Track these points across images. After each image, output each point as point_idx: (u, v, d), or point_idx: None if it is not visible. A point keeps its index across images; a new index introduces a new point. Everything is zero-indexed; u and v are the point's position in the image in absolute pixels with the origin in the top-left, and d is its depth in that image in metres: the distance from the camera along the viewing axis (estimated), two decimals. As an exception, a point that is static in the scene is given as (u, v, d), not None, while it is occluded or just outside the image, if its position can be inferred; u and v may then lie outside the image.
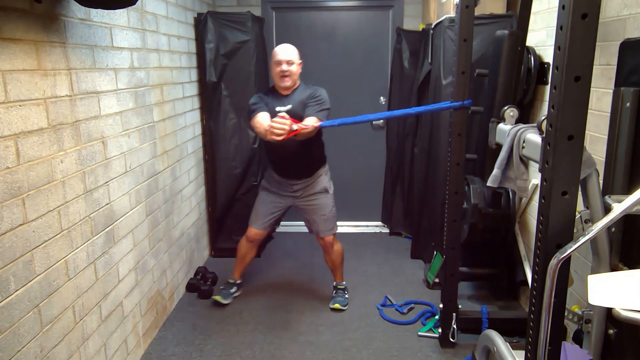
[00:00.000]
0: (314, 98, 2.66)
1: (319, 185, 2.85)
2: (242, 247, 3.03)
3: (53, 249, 1.73)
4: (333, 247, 2.96)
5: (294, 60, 2.68)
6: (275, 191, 2.87)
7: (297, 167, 2.80)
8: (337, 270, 3.07)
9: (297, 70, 2.70)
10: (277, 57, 2.66)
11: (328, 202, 2.88)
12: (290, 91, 2.72)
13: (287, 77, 2.65)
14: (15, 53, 1.53)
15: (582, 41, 1.12)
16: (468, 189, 2.75)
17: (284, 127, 2.28)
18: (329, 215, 2.89)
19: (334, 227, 2.95)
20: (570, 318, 1.69)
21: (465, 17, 2.19)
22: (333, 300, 3.00)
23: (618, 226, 1.64)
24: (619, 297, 1.14)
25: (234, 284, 3.09)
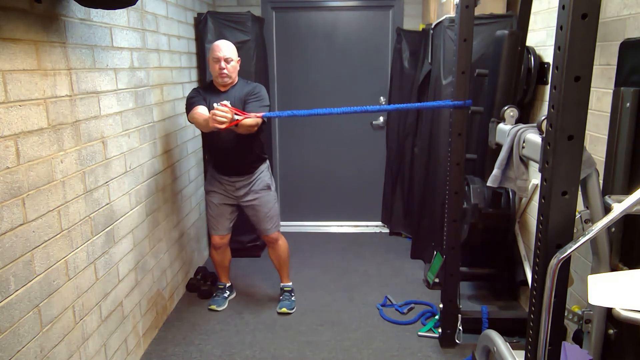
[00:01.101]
0: (253, 95, 2.65)
1: (261, 183, 2.83)
2: (214, 256, 3.02)
3: (53, 249, 1.73)
4: (278, 242, 2.94)
5: (232, 57, 2.65)
6: (219, 192, 2.84)
7: (237, 164, 2.76)
8: (283, 269, 3.03)
9: (235, 67, 2.68)
10: (215, 54, 2.63)
11: (270, 199, 2.86)
12: (228, 87, 2.70)
13: (225, 74, 2.63)
14: (15, 53, 1.53)
15: (582, 41, 1.12)
16: (468, 189, 2.75)
17: (225, 114, 2.27)
18: (272, 212, 2.87)
19: (278, 225, 2.93)
20: (570, 318, 1.69)
21: (465, 17, 2.19)
22: (280, 304, 2.95)
23: (618, 226, 1.64)
24: (619, 297, 1.14)
25: (224, 288, 3.07)
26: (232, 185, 2.81)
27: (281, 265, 3.03)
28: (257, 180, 2.82)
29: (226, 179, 2.80)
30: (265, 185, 2.84)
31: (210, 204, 2.88)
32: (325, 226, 4.39)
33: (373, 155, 4.26)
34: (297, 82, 4.19)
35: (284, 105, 4.14)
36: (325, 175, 4.36)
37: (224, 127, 2.30)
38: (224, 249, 3.00)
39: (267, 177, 2.86)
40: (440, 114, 3.20)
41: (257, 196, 2.82)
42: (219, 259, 3.02)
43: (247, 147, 2.72)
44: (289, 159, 4.33)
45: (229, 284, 3.10)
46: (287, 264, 3.05)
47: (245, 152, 2.73)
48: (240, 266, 3.56)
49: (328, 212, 4.41)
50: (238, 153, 2.72)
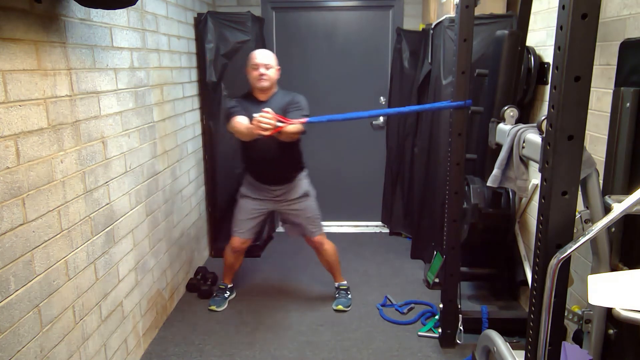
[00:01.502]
0: (294, 104, 2.66)
1: (300, 190, 2.84)
2: (228, 256, 3.02)
3: (53, 249, 1.73)
4: (324, 247, 2.96)
5: (271, 64, 2.67)
6: (255, 197, 2.85)
7: (277, 172, 2.78)
8: (335, 270, 3.06)
9: (274, 75, 2.70)
10: (254, 61, 2.66)
11: (311, 204, 2.89)
12: (268, 97, 2.71)
13: (264, 79, 2.64)
14: (15, 53, 1.53)
15: (582, 41, 1.12)
16: (468, 189, 2.75)
17: (270, 120, 2.25)
18: (312, 217, 2.90)
19: (321, 228, 2.96)
20: (570, 318, 1.69)
21: (465, 17, 2.19)
22: (336, 302, 2.99)
23: (618, 226, 1.64)
24: (619, 297, 1.14)
25: (225, 289, 3.07)
26: (271, 193, 2.83)
27: (332, 268, 3.06)
28: (296, 188, 2.83)
29: (265, 187, 2.82)
30: (303, 192, 2.85)
31: (241, 208, 2.89)
32: (326, 226, 4.32)
33: (373, 155, 4.26)
34: (297, 82, 4.18)
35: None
36: (325, 175, 4.35)
37: (268, 134, 2.29)
38: (240, 253, 3.01)
39: (306, 185, 2.88)
40: (440, 114, 3.20)
41: (297, 202, 2.85)
42: (232, 261, 3.02)
43: (286, 157, 2.74)
44: (289, 159, 4.33)
45: (230, 285, 3.10)
46: (338, 265, 3.07)
47: (285, 161, 2.76)
48: (241, 266, 3.56)
49: (328, 212, 4.38)
50: (278, 162, 2.73)
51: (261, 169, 2.80)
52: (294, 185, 2.82)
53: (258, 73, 2.64)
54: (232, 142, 3.56)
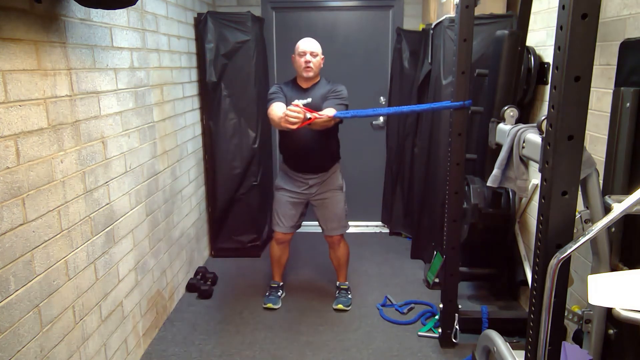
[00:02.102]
0: (334, 92, 2.68)
1: (334, 182, 2.85)
2: (274, 250, 3.03)
3: (53, 249, 1.73)
4: (340, 245, 2.97)
5: (317, 52, 2.70)
6: (290, 189, 2.86)
7: (313, 161, 2.79)
8: (342, 270, 3.07)
9: (319, 63, 2.72)
10: (301, 48, 2.69)
11: (341, 200, 2.89)
12: (310, 84, 2.74)
13: (310, 68, 2.67)
14: (15, 53, 1.53)
15: (582, 41, 1.12)
16: (468, 189, 2.75)
17: (298, 115, 2.28)
18: (340, 213, 2.90)
19: (345, 226, 2.95)
20: (570, 318, 1.69)
21: (465, 17, 2.19)
22: (336, 301, 2.99)
23: (618, 226, 1.64)
24: (619, 297, 1.14)
25: (277, 287, 3.08)
26: (305, 183, 2.83)
27: (340, 267, 3.06)
28: (330, 179, 2.84)
29: (300, 176, 2.82)
30: (338, 185, 2.87)
31: (279, 201, 2.90)
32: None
33: (373, 155, 4.26)
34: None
35: (284, 105, 4.14)
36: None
37: (296, 127, 2.31)
38: (285, 245, 3.02)
39: (340, 178, 2.89)
40: (440, 114, 3.20)
41: (329, 195, 2.85)
42: (278, 254, 3.02)
43: (324, 146, 2.75)
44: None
45: (281, 283, 3.11)
46: (346, 266, 3.08)
47: (322, 150, 2.76)
48: (241, 266, 3.57)
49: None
50: (315, 151, 2.74)
51: (297, 158, 2.80)
52: (328, 176, 2.83)
53: (305, 60, 2.66)
54: (233, 141, 3.58)
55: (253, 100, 3.54)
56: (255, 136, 3.58)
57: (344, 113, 2.45)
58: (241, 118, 3.55)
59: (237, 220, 3.70)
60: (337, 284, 3.09)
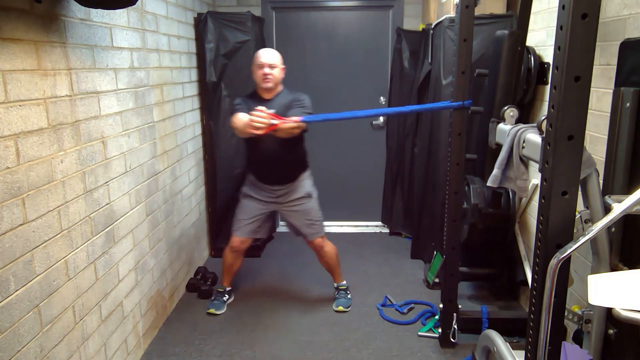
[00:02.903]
0: (298, 101, 2.66)
1: (302, 190, 2.82)
2: (227, 257, 2.98)
3: (53, 249, 1.73)
4: (324, 249, 2.94)
5: (276, 64, 2.66)
6: (257, 197, 2.83)
7: (279, 172, 2.77)
8: (335, 271, 3.05)
9: (279, 75, 2.69)
10: (259, 60, 2.65)
11: (313, 206, 2.86)
12: (272, 95, 2.71)
13: (269, 79, 2.64)
14: (15, 53, 1.53)
15: (582, 41, 1.12)
16: (468, 189, 2.75)
17: (263, 119, 2.26)
18: (315, 219, 2.87)
19: (322, 230, 2.93)
20: (570, 318, 1.69)
21: (465, 17, 2.19)
22: (336, 302, 2.99)
23: (618, 226, 1.65)
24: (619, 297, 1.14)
25: (224, 292, 3.03)
26: (273, 193, 2.81)
27: (332, 269, 3.04)
28: (298, 188, 2.81)
29: (267, 187, 2.80)
30: (305, 193, 2.83)
31: (243, 207, 2.87)
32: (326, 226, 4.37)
33: (373, 155, 4.26)
34: (297, 82, 4.18)
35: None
36: (325, 175, 4.35)
37: (261, 133, 2.29)
38: (240, 253, 2.98)
39: (309, 185, 2.86)
40: (440, 114, 3.20)
41: (297, 203, 2.82)
42: (231, 261, 2.99)
43: (290, 156, 2.73)
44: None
45: (229, 288, 3.07)
46: (338, 267, 3.06)
47: (288, 160, 2.74)
48: (241, 266, 3.56)
49: (328, 212, 4.37)
50: (281, 161, 2.72)
51: (264, 169, 2.79)
52: (296, 186, 2.81)
53: (262, 73, 2.64)
54: (233, 141, 3.58)
55: (253, 100, 3.54)
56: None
57: (314, 117, 2.44)
58: (241, 118, 3.55)
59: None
60: (335, 285, 3.09)
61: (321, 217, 2.93)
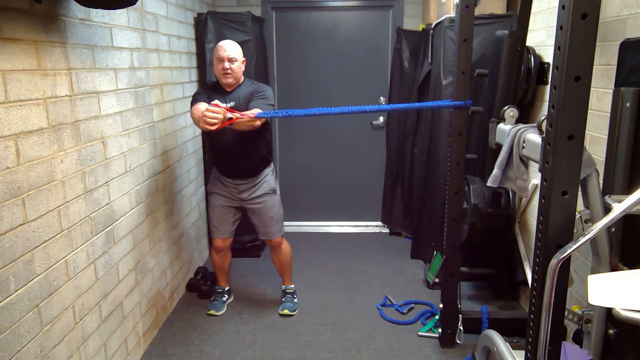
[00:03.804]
0: (258, 93, 2.60)
1: (266, 186, 2.77)
2: (214, 259, 2.96)
3: (53, 249, 1.73)
4: (281, 247, 2.91)
5: (237, 57, 2.60)
6: (221, 194, 2.79)
7: (241, 166, 2.71)
8: (286, 272, 3.00)
9: (239, 68, 2.63)
10: (219, 54, 2.58)
11: (275, 203, 2.81)
12: (233, 87, 2.65)
13: (229, 74, 2.59)
14: (15, 53, 1.53)
15: (582, 41, 1.12)
16: (468, 189, 2.75)
17: (217, 115, 2.19)
18: (276, 216, 2.82)
19: (282, 229, 2.89)
20: (570, 318, 1.69)
21: (465, 17, 2.19)
22: (282, 306, 2.93)
23: (618, 226, 1.64)
24: (619, 297, 1.14)
25: (223, 292, 3.03)
26: (236, 188, 2.76)
27: (283, 269, 3.00)
28: (262, 184, 2.77)
29: (230, 181, 2.75)
30: (270, 188, 2.79)
31: (213, 206, 2.84)
32: (325, 226, 4.39)
33: (373, 155, 4.26)
34: (297, 82, 4.19)
35: (284, 105, 4.14)
36: (325, 175, 4.36)
37: (215, 129, 2.23)
38: (225, 252, 2.95)
39: (272, 181, 2.82)
40: (440, 114, 3.20)
41: (261, 200, 2.77)
42: (220, 262, 2.97)
43: (252, 149, 2.67)
44: (289, 159, 4.33)
45: (227, 288, 3.06)
46: (290, 267, 3.02)
47: (249, 153, 2.68)
48: (240, 266, 3.57)
49: (328, 212, 4.41)
50: (242, 155, 2.66)
51: (225, 161, 2.73)
52: (259, 181, 2.76)
53: (222, 67, 2.57)
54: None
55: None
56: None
57: (273, 113, 2.38)
58: (241, 118, 3.55)
59: (237, 220, 3.69)
60: (283, 287, 3.03)
61: (282, 215, 2.87)
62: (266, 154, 2.77)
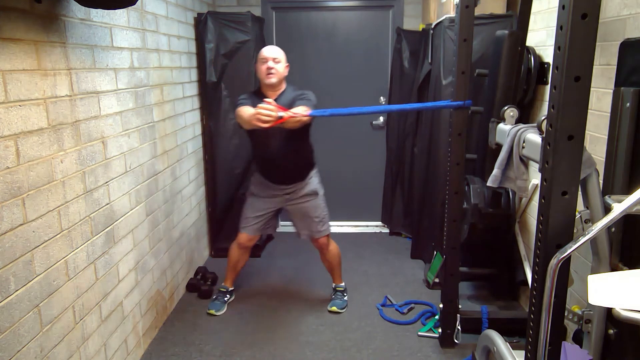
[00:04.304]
0: (302, 96, 2.62)
1: (309, 188, 2.80)
2: (233, 253, 2.96)
3: (53, 249, 1.73)
4: (328, 248, 2.94)
5: (280, 58, 2.63)
6: (263, 196, 2.81)
7: (286, 172, 2.74)
8: (335, 272, 3.05)
9: (283, 70, 2.66)
10: (262, 55, 2.62)
11: (319, 204, 2.84)
12: (277, 94, 2.67)
13: (272, 74, 2.60)
14: (15, 53, 1.53)
15: (582, 41, 1.12)
16: (468, 189, 2.75)
17: (270, 112, 2.19)
18: (321, 216, 2.85)
19: (328, 229, 2.91)
20: (570, 318, 1.69)
21: (465, 17, 2.19)
22: (331, 303, 2.98)
23: (618, 226, 1.64)
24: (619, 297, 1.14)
25: (226, 292, 3.02)
26: (280, 191, 2.78)
27: (333, 269, 3.03)
28: (306, 186, 2.79)
29: (275, 186, 2.77)
30: (312, 190, 2.81)
31: (250, 205, 2.85)
32: (326, 226, 4.39)
33: (373, 155, 4.26)
34: (297, 82, 4.14)
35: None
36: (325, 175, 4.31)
37: (268, 126, 2.24)
38: (246, 250, 2.96)
39: (316, 183, 2.84)
40: (440, 114, 3.20)
41: (306, 199, 2.80)
42: (236, 258, 2.97)
43: (297, 154, 2.70)
44: (289, 159, 4.33)
45: (231, 289, 3.06)
46: (339, 267, 3.04)
47: (295, 159, 2.71)
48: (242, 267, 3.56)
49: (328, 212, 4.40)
50: (288, 161, 2.69)
51: (271, 168, 2.75)
52: (304, 184, 2.79)
53: (266, 67, 2.59)
54: (233, 141, 3.58)
55: (253, 100, 3.54)
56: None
57: (322, 112, 2.40)
58: (241, 118, 3.55)
59: (237, 220, 3.65)
60: (333, 285, 3.08)
61: (328, 215, 2.91)
62: (310, 157, 2.83)
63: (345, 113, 2.37)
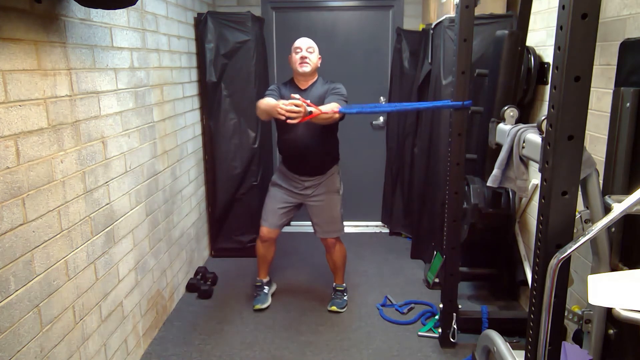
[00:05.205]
0: (334, 89, 2.64)
1: (332, 185, 2.81)
2: (259, 248, 2.98)
3: (53, 249, 1.73)
4: (335, 248, 2.93)
5: (313, 48, 2.67)
6: (285, 187, 2.83)
7: (311, 163, 2.75)
8: (338, 272, 3.04)
9: (316, 60, 2.69)
10: (296, 45, 2.66)
11: (337, 203, 2.84)
12: (308, 84, 2.70)
13: (307, 63, 2.63)
14: (15, 53, 1.53)
15: (582, 41, 1.12)
16: (468, 189, 2.75)
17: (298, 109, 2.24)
18: (337, 216, 2.85)
19: (340, 229, 2.90)
20: (570, 318, 1.69)
21: (465, 17, 2.19)
22: (331, 302, 2.98)
23: (618, 226, 1.64)
24: (619, 297, 1.14)
25: (262, 285, 3.04)
26: (301, 184, 2.79)
27: (336, 269, 3.03)
28: (327, 182, 2.79)
29: (296, 177, 2.78)
30: (335, 188, 2.81)
31: (271, 197, 2.86)
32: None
33: (373, 155, 4.26)
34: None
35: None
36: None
37: (297, 122, 2.27)
38: (270, 243, 2.97)
39: (337, 181, 2.84)
40: (440, 114, 3.20)
41: (325, 197, 2.79)
42: (264, 252, 2.97)
43: (323, 146, 2.71)
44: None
45: (266, 280, 3.06)
46: (343, 268, 3.04)
47: (321, 151, 2.72)
48: (241, 266, 3.57)
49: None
50: (313, 152, 2.70)
51: (295, 158, 2.76)
52: (326, 178, 2.79)
53: (300, 56, 2.62)
54: (233, 141, 3.58)
55: (253, 100, 3.53)
56: (255, 136, 3.58)
57: (348, 108, 2.41)
58: (241, 118, 3.55)
59: (237, 220, 3.70)
60: (334, 285, 3.08)
61: (342, 215, 2.90)
62: (335, 151, 2.83)
63: (370, 111, 2.39)
